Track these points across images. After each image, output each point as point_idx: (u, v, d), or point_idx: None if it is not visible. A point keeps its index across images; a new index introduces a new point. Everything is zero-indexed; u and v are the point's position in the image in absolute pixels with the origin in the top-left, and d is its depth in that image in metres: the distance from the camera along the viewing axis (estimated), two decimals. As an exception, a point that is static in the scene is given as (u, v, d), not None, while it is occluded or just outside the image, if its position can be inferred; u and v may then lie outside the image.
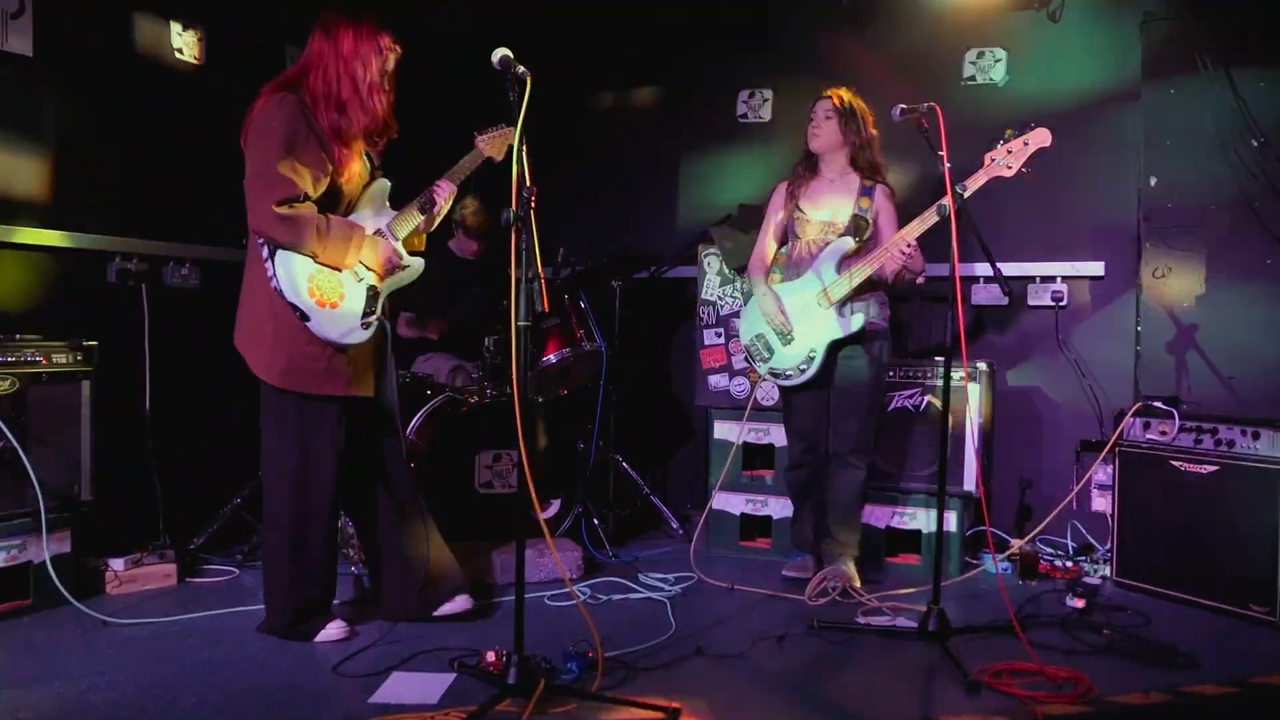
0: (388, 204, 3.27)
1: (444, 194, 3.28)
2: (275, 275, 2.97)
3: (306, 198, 2.97)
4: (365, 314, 3.08)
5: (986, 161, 3.39)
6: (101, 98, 4.07)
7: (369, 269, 3.13)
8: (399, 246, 3.20)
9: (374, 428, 3.25)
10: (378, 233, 3.17)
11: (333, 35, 3.04)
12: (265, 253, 2.99)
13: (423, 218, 3.26)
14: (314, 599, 3.15)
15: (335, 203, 3.10)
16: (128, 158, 4.16)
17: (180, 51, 4.38)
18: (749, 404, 4.27)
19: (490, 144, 3.35)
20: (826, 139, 3.81)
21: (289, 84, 3.06)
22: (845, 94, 3.82)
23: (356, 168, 3.13)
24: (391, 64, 3.11)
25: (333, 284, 3.03)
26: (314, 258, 2.99)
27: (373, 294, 3.12)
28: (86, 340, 3.55)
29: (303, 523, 3.10)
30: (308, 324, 2.98)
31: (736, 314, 4.53)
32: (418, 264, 3.25)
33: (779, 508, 4.33)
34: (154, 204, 4.27)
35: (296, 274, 2.97)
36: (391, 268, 3.16)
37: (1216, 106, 4.31)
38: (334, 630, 3.14)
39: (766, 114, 5.29)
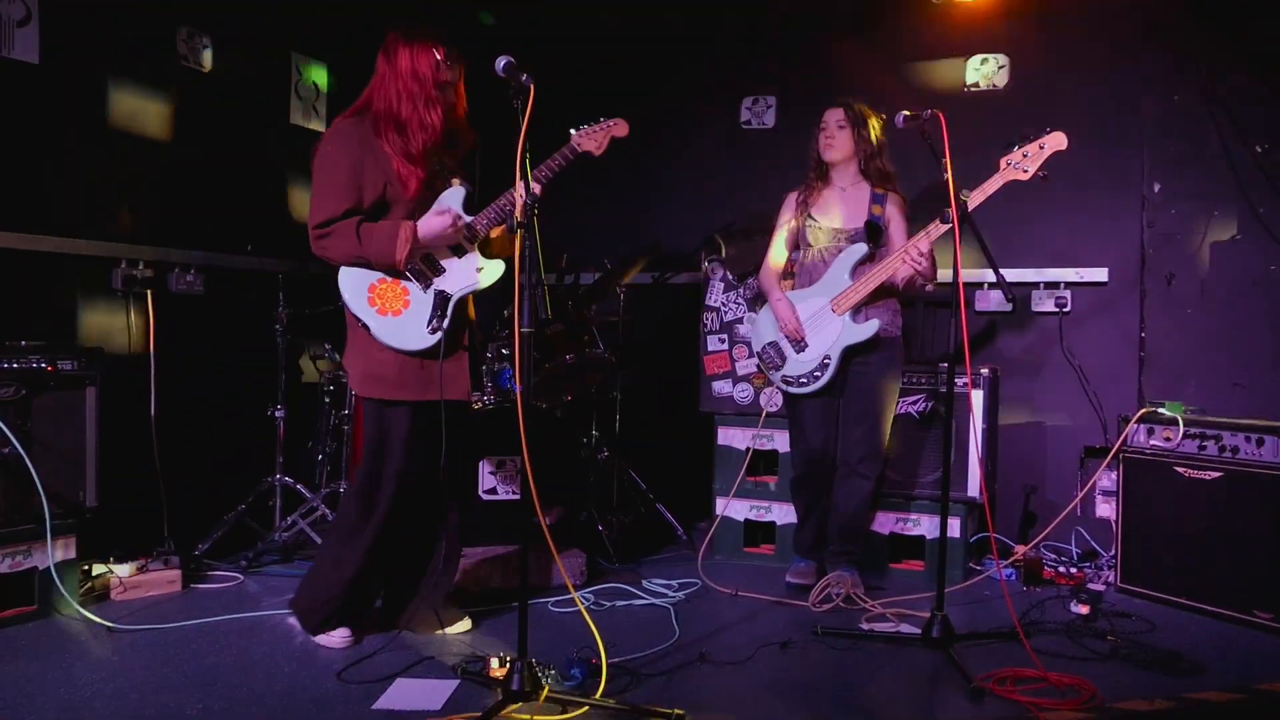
0: (462, 209, 3.13)
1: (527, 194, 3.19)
2: (342, 289, 3.06)
3: (350, 214, 3.01)
4: (431, 320, 3.08)
5: (1002, 165, 3.38)
6: (107, 105, 4.09)
7: (435, 254, 3.10)
8: (459, 215, 3.10)
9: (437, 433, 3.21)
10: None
11: (391, 55, 3.07)
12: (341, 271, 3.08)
13: (498, 222, 3.16)
14: (337, 599, 3.15)
15: (402, 218, 3.09)
16: (133, 164, 4.18)
17: (187, 59, 4.39)
18: (761, 413, 4.26)
19: (588, 138, 3.25)
20: (840, 148, 3.82)
21: (359, 110, 3.11)
22: (856, 103, 3.83)
23: (421, 182, 3.10)
24: (449, 76, 3.08)
25: (395, 293, 3.08)
26: (368, 265, 3.04)
27: (441, 299, 3.11)
28: (92, 346, 3.56)
29: (364, 526, 3.13)
30: (370, 332, 3.05)
31: (740, 320, 4.53)
32: (495, 267, 3.18)
33: (783, 514, 4.33)
34: (159, 210, 4.29)
35: (357, 286, 3.06)
36: (452, 230, 3.06)
37: (1219, 111, 4.31)
38: (336, 638, 3.15)
39: (770, 120, 5.30)
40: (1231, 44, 4.32)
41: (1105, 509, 4.03)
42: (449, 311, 3.11)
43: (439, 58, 3.05)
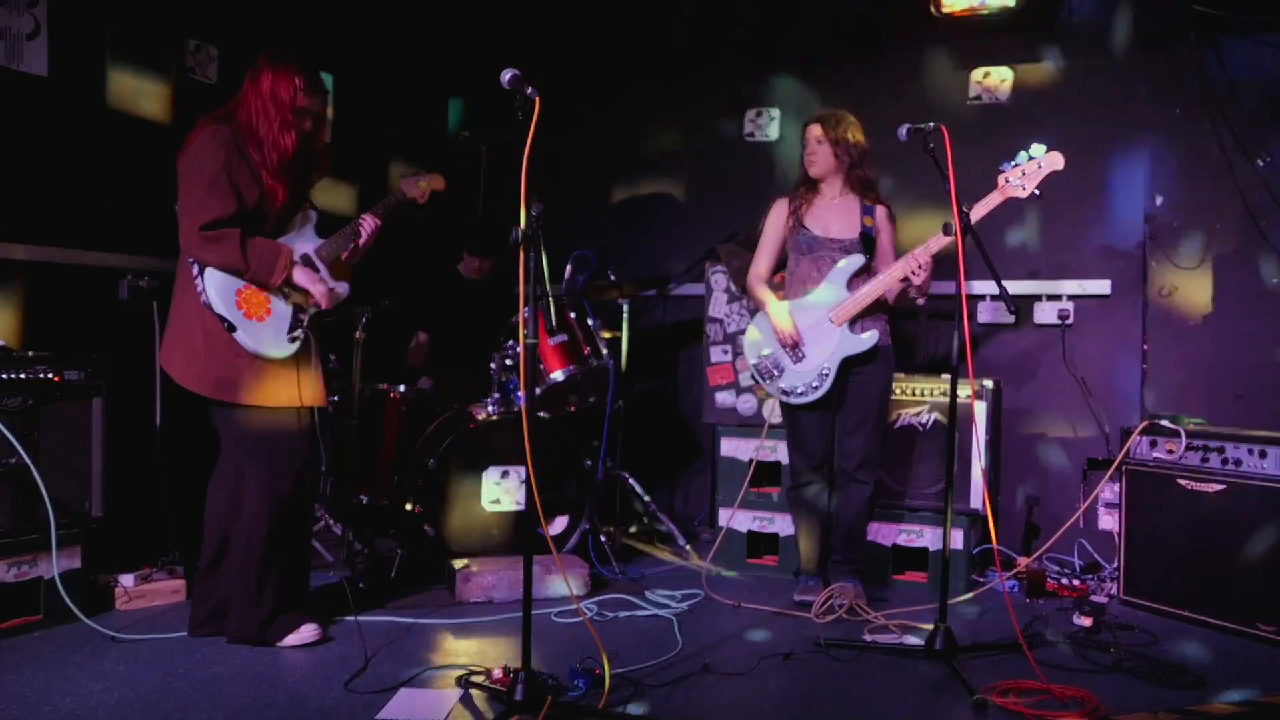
0: (314, 232, 3.41)
1: (368, 227, 3.44)
2: (205, 290, 3.14)
3: (233, 221, 3.12)
4: (291, 329, 3.26)
5: (1001, 183, 3.44)
6: (115, 117, 4.11)
7: (295, 291, 3.27)
8: (324, 273, 3.34)
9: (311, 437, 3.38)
10: (304, 258, 3.31)
11: (256, 75, 3.23)
12: (195, 270, 3.17)
13: (349, 247, 3.41)
14: (278, 606, 3.24)
15: (262, 230, 3.24)
16: (140, 175, 4.20)
17: (194, 70, 4.42)
18: (765, 425, 4.27)
19: (413, 187, 3.58)
20: (822, 163, 3.85)
21: (224, 116, 3.23)
22: (833, 115, 3.85)
23: (284, 198, 3.26)
24: (305, 103, 3.23)
25: (259, 300, 3.21)
26: (241, 275, 3.16)
27: (298, 309, 3.28)
28: (98, 357, 3.58)
29: (254, 530, 3.22)
30: (234, 335, 3.14)
31: (743, 331, 4.54)
32: (342, 289, 3.38)
33: (785, 525, 4.33)
34: (166, 222, 4.29)
35: (225, 288, 3.16)
36: (322, 292, 3.27)
37: (1221, 124, 4.33)
38: (306, 633, 3.23)
39: (773, 133, 5.32)
40: (1234, 57, 4.34)
41: (1108, 521, 4.03)
42: (305, 322, 3.30)
43: (298, 85, 3.20)
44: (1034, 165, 3.40)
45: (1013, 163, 3.44)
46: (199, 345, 3.18)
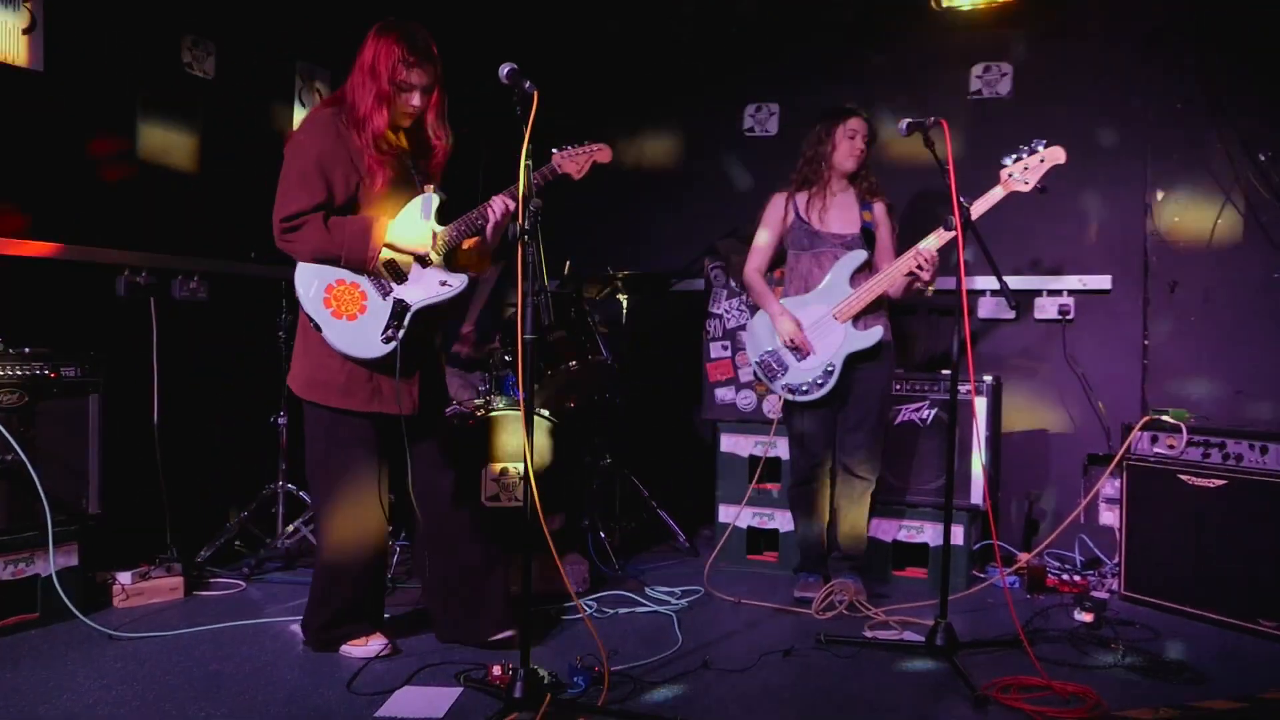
0: (433, 218, 3.05)
1: (497, 210, 3.07)
2: (297, 286, 2.98)
3: (320, 209, 2.95)
4: (386, 329, 2.99)
5: (1003, 177, 3.43)
6: (112, 112, 4.09)
7: (398, 261, 3.02)
8: (434, 252, 3.05)
9: (415, 447, 3.14)
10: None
11: (362, 46, 3.00)
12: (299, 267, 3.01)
13: (471, 233, 3.08)
14: (343, 611, 3.14)
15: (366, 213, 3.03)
16: (137, 172, 4.18)
17: (191, 66, 4.40)
18: (774, 423, 4.25)
19: (569, 160, 3.16)
20: (861, 160, 3.83)
21: (337, 100, 3.05)
22: (862, 111, 3.85)
23: (386, 181, 3.01)
24: (412, 77, 2.96)
25: (352, 296, 2.99)
26: (335, 261, 2.96)
27: (399, 308, 3.02)
28: (95, 353, 3.57)
29: (338, 537, 3.10)
30: (322, 335, 2.97)
31: (743, 327, 4.53)
32: (458, 281, 3.08)
33: (785, 521, 4.32)
34: (163, 217, 4.29)
35: (314, 284, 2.97)
36: (423, 240, 3.01)
37: (1222, 119, 4.31)
38: (374, 645, 3.13)
39: (773, 128, 5.30)
40: (1234, 52, 4.32)
41: (1109, 516, 4.03)
42: (406, 322, 3.01)
43: (399, 55, 2.93)
44: (1036, 159, 3.39)
45: (1014, 157, 3.42)
46: (300, 342, 3.07)
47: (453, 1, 5.25)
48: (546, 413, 4.20)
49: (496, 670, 2.82)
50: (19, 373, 3.32)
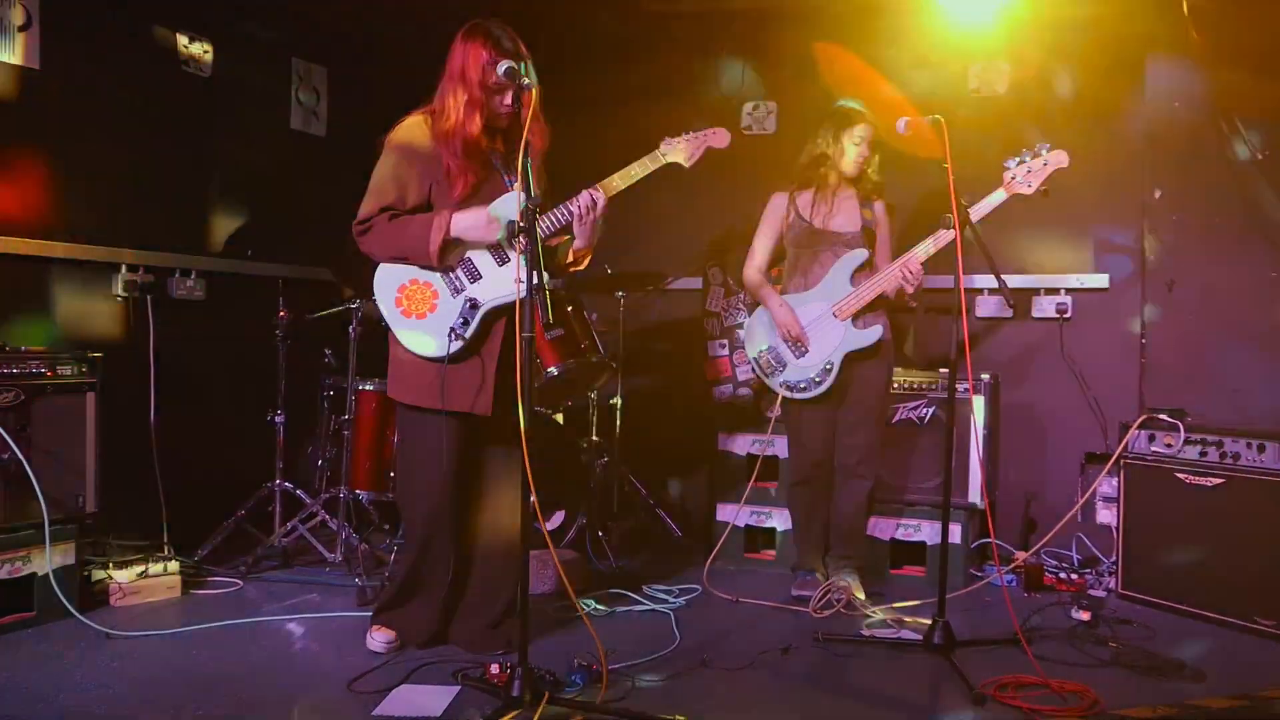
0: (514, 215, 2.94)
1: (583, 203, 3.04)
2: (375, 288, 3.02)
3: (387, 210, 2.97)
4: (456, 327, 2.98)
5: (1006, 180, 3.44)
6: (108, 110, 4.08)
7: (475, 260, 3.01)
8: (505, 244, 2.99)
9: (483, 448, 3.16)
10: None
11: (451, 49, 2.97)
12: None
13: (556, 228, 3.04)
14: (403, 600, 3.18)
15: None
16: (134, 169, 4.18)
17: (188, 64, 4.40)
18: (771, 421, 4.25)
19: (676, 149, 3.13)
20: (864, 164, 3.82)
21: (430, 109, 3.03)
22: (869, 114, 3.82)
23: (470, 184, 2.98)
24: (497, 80, 2.88)
25: (424, 295, 3.01)
26: (405, 259, 2.99)
27: (470, 306, 2.99)
28: (92, 352, 3.56)
29: (417, 535, 3.14)
30: (395, 335, 3.02)
31: (741, 325, 4.53)
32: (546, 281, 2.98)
33: (783, 519, 4.32)
34: (160, 215, 4.29)
35: (388, 286, 3.02)
36: (485, 224, 2.95)
37: (1220, 118, 4.31)
38: (378, 641, 3.14)
39: (771, 126, 5.29)
40: (1232, 51, 4.32)
41: (1106, 515, 4.03)
42: (476, 320, 2.98)
43: (488, 59, 2.88)
44: (1039, 162, 3.42)
45: (1018, 160, 3.43)
46: (389, 341, 3.08)
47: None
48: (545, 411, 4.20)
49: (494, 669, 2.81)
50: (15, 371, 3.31)
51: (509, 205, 2.89)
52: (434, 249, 2.93)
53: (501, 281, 3.00)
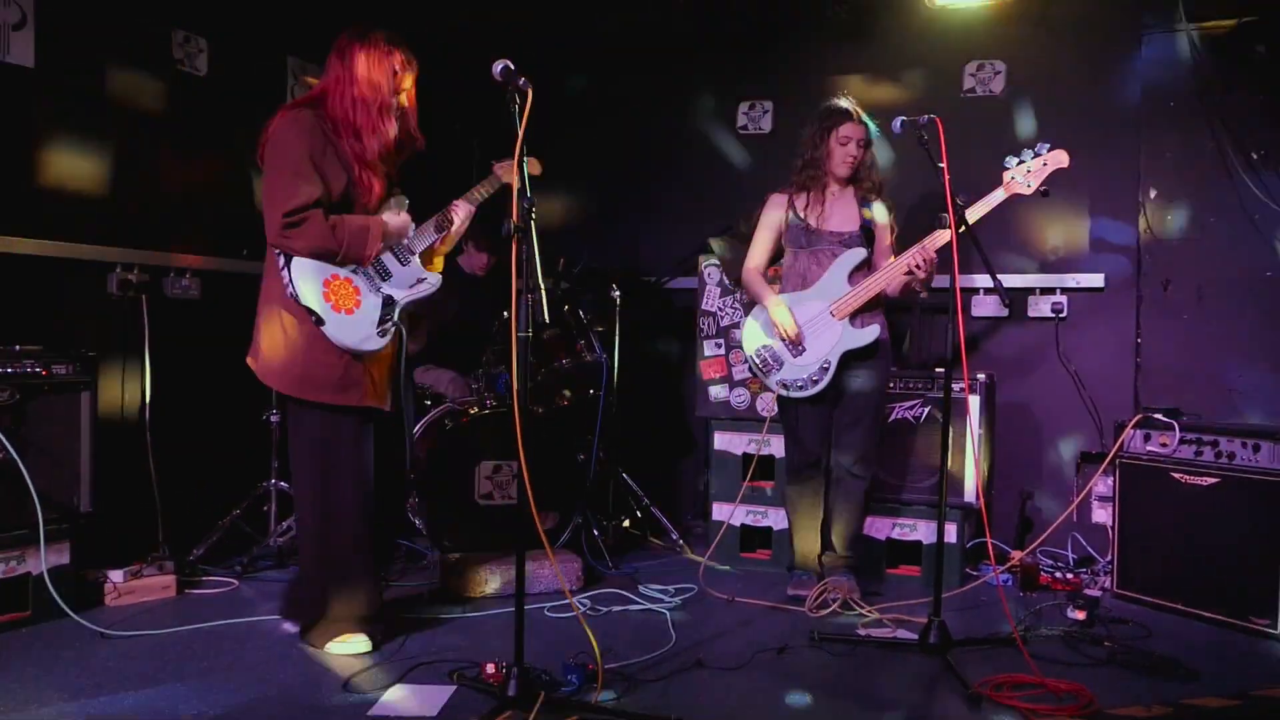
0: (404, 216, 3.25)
1: (461, 214, 3.31)
2: (291, 282, 3.00)
3: (318, 205, 2.97)
4: (381, 320, 3.09)
5: (1006, 180, 3.44)
6: (103, 108, 4.07)
7: (384, 258, 3.14)
8: (415, 263, 3.22)
9: (383, 443, 3.24)
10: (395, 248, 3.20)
11: (346, 58, 3.03)
12: (281, 262, 3.02)
13: (439, 236, 3.28)
14: (315, 606, 3.15)
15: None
16: (129, 168, 4.17)
17: (183, 62, 4.39)
18: (766, 421, 4.25)
19: (508, 171, 3.34)
20: (856, 166, 3.80)
21: (312, 102, 3.07)
22: (860, 114, 3.81)
23: (381, 189, 3.13)
24: (407, 83, 3.08)
25: (348, 291, 3.06)
26: (332, 258, 3.01)
27: (389, 302, 3.12)
28: (86, 351, 3.55)
29: (327, 534, 3.11)
30: (323, 328, 3.00)
31: (737, 325, 4.53)
32: (434, 279, 3.25)
33: (779, 519, 4.32)
34: (155, 215, 4.28)
35: (311, 279, 3.01)
36: (401, 232, 3.17)
37: (1215, 118, 4.32)
38: (355, 643, 3.13)
39: (767, 125, 5.30)
40: (1227, 50, 4.33)
41: (1102, 514, 4.04)
42: (394, 316, 3.13)
43: (396, 64, 3.03)
44: (1039, 163, 3.43)
45: (1017, 160, 3.44)
46: (284, 342, 3.03)
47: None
48: (540, 410, 4.20)
49: (490, 668, 2.81)
50: (10, 371, 3.30)
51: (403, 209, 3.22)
52: (372, 254, 3.07)
53: (409, 279, 3.20)
